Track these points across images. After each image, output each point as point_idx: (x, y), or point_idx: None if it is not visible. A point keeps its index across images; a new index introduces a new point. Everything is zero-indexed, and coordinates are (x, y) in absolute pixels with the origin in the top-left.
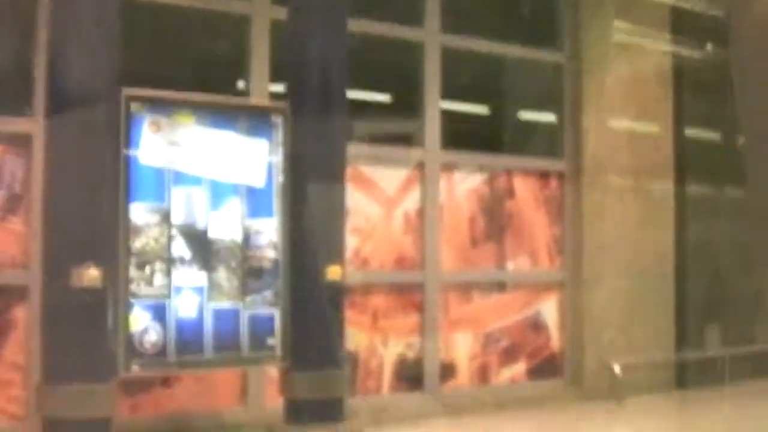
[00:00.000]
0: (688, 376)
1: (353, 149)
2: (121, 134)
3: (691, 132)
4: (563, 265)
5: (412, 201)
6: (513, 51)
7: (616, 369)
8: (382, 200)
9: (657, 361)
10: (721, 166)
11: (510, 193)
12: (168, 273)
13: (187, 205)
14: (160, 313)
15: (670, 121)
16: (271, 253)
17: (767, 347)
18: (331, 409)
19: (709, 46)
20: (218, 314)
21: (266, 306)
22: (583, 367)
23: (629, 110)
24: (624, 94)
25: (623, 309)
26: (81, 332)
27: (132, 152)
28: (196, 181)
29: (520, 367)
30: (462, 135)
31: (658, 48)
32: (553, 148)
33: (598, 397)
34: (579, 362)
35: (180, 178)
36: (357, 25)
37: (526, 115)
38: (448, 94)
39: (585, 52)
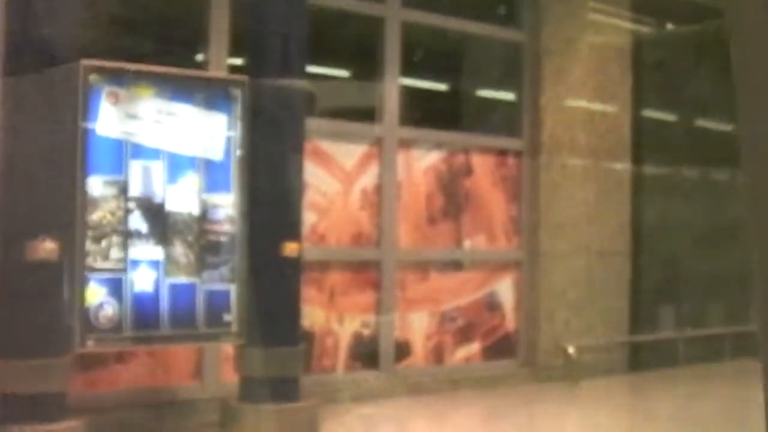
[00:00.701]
0: (641, 358)
1: (312, 124)
2: (78, 106)
3: (648, 112)
4: (520, 244)
5: (369, 177)
6: (473, 28)
7: (571, 350)
8: (339, 176)
9: (611, 343)
10: (678, 147)
11: (468, 171)
12: (124, 247)
13: (145, 178)
14: (116, 287)
15: (628, 101)
16: (228, 228)
17: (721, 330)
18: (286, 387)
19: (669, 27)
20: (175, 289)
21: (223, 282)
22: (538, 348)
23: (588, 90)
24: (583, 74)
25: (579, 289)
26: (36, 306)
27: (90, 124)
28: (154, 154)
29: (474, 347)
30: (421, 112)
31: (619, 28)
32: (511, 127)
33: (552, 378)
34: (533, 343)
35: (138, 150)
36: None
37: (485, 93)
38: (407, 70)
39: (545, 31)
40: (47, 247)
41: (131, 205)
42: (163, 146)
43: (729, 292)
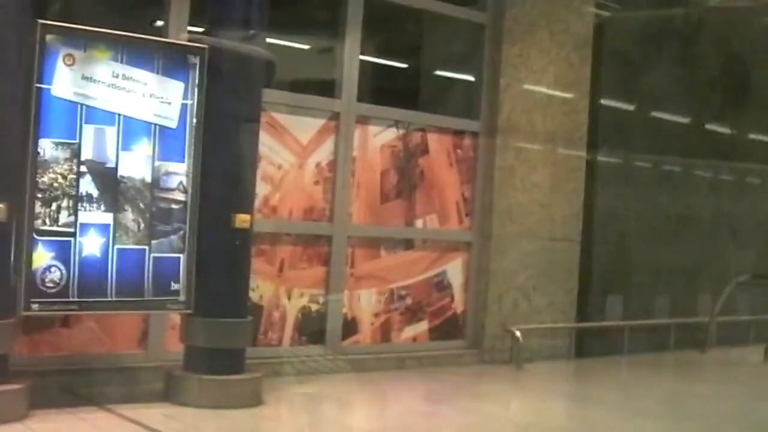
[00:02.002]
0: (587, 344)
1: (269, 96)
2: (34, 66)
3: (607, 100)
4: (471, 226)
5: (325, 152)
6: (437, 7)
7: (517, 333)
8: (295, 149)
9: (558, 328)
10: (634, 136)
11: (423, 150)
12: (74, 211)
13: (98, 142)
14: (64, 251)
15: (587, 88)
16: (180, 197)
17: (666, 321)
18: (231, 359)
19: (632, 15)
20: (123, 256)
21: (172, 250)
22: (485, 330)
23: (547, 75)
24: (543, 59)
25: (528, 274)
26: None
27: (45, 85)
28: (109, 118)
29: (422, 327)
30: (380, 88)
31: (581, 15)
32: (469, 108)
33: (498, 360)
34: (481, 325)
35: (92, 114)
36: None
37: (446, 73)
38: (368, 46)
39: (508, 14)
40: None
41: (83, 168)
42: (118, 111)
43: (677, 284)
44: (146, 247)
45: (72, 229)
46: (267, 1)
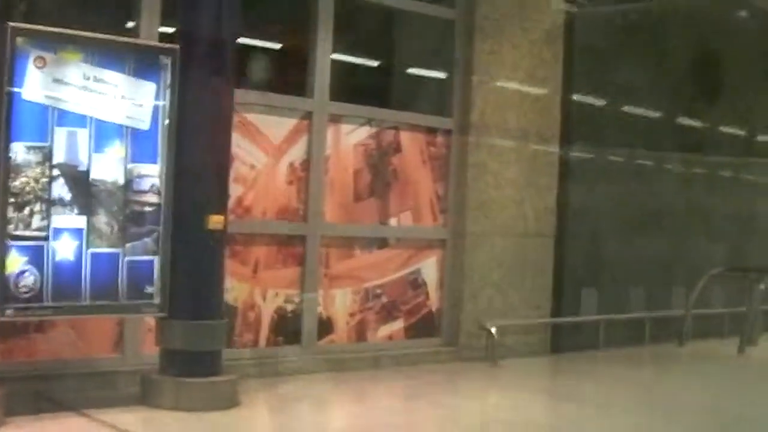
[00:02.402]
0: (563, 340)
1: (241, 96)
2: (4, 69)
3: (579, 96)
4: (445, 223)
5: (297, 151)
6: (406, 4)
7: (493, 330)
8: (267, 149)
9: (533, 324)
10: (607, 131)
11: (396, 148)
12: (47, 215)
13: (70, 145)
14: (37, 256)
15: (559, 84)
16: (153, 199)
17: (641, 315)
18: (207, 361)
19: (604, 10)
20: (97, 259)
21: (146, 253)
22: (460, 328)
23: (519, 71)
24: (515, 55)
25: (503, 270)
26: None
27: (15, 88)
28: (81, 121)
29: (398, 325)
30: (351, 87)
31: (552, 10)
32: (441, 106)
33: (474, 357)
34: (456, 322)
35: (64, 117)
36: None
37: (417, 70)
38: (339, 44)
39: (478, 11)
40: None
41: (55, 172)
42: (90, 113)
43: (651, 278)
44: (120, 250)
45: (45, 233)
46: (238, 1)
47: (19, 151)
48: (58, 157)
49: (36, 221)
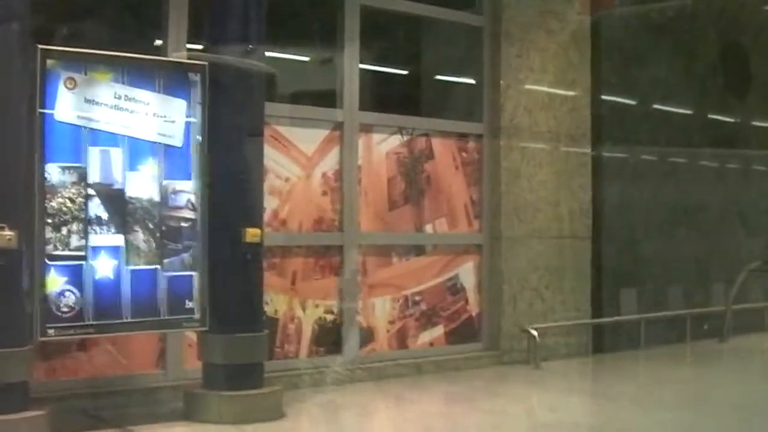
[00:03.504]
0: (604, 340)
1: (271, 109)
2: (36, 91)
3: (609, 96)
4: (481, 228)
5: (330, 162)
6: (434, 12)
7: (533, 333)
8: (300, 161)
9: (574, 326)
10: (638, 130)
11: (429, 155)
12: (85, 234)
13: (104, 164)
14: (76, 275)
15: (588, 84)
16: (189, 215)
17: (681, 312)
18: (249, 374)
19: (627, 12)
20: (136, 276)
21: (185, 268)
22: (501, 331)
23: (548, 74)
24: (543, 58)
25: (540, 273)
26: None
27: (48, 110)
28: (113, 140)
29: (438, 332)
30: (381, 96)
31: (578, 11)
32: (471, 111)
33: (515, 361)
34: (496, 326)
35: (96, 136)
36: None
37: (446, 77)
38: (368, 54)
39: (505, 16)
40: (6, 236)
41: (91, 191)
42: (122, 132)
43: (690, 275)
44: (158, 267)
45: (83, 253)
46: (265, 15)
47: (54, 172)
48: (93, 176)
49: (74, 241)
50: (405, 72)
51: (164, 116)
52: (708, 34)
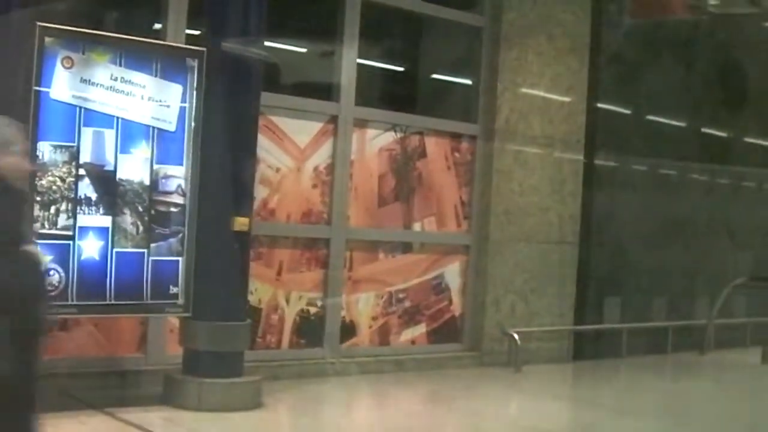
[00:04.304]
0: (585, 347)
1: (267, 99)
2: (33, 69)
3: (604, 104)
4: (469, 229)
5: (323, 155)
6: (434, 11)
7: (515, 336)
8: (293, 152)
9: (556, 331)
10: (632, 139)
11: (422, 153)
12: (73, 214)
13: (97, 145)
14: (62, 254)
15: (584, 91)
16: (178, 200)
17: (663, 324)
18: (230, 362)
19: (627, 19)
20: (122, 259)
21: (171, 253)
22: (483, 333)
23: (545, 79)
24: (540, 62)
25: (526, 277)
26: None
27: (43, 88)
28: (107, 121)
29: (420, 330)
30: (377, 92)
31: (578, 19)
32: (466, 112)
33: (496, 363)
34: (479, 328)
35: (91, 117)
36: None
37: (443, 76)
38: (366, 49)
39: (505, 18)
40: None
41: (81, 171)
42: (117, 114)
43: (674, 286)
44: (145, 251)
45: (71, 233)
46: (265, 5)
47: (45, 150)
48: (85, 156)
49: (62, 220)
50: (403, 69)
51: (159, 100)
52: (708, 47)
